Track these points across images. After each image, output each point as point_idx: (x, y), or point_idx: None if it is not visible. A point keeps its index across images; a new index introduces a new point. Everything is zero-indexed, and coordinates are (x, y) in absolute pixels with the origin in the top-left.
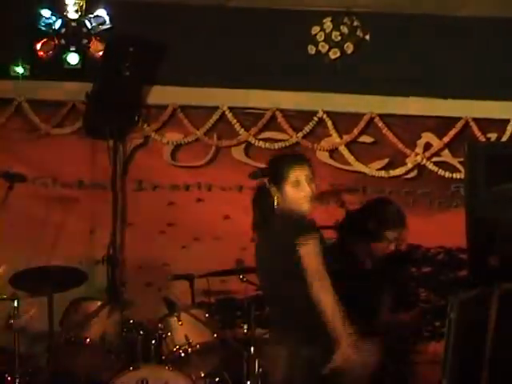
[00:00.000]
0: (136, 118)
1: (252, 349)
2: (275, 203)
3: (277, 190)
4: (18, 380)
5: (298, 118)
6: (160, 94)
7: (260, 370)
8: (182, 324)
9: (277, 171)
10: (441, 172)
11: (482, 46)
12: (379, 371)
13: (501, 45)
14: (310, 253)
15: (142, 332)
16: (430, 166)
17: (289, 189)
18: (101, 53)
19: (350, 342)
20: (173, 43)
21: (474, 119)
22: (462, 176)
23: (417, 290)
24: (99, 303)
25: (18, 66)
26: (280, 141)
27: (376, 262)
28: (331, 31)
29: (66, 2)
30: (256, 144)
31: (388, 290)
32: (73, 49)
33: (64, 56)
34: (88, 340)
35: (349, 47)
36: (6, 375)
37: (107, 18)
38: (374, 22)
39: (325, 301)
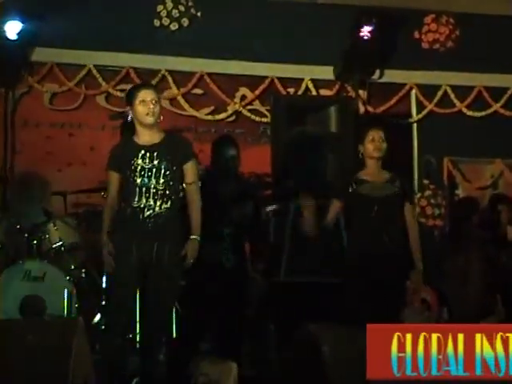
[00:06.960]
0: (22, 72)
1: None
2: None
3: (131, 108)
4: None
5: (146, 74)
6: (41, 54)
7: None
8: (57, 228)
9: (130, 94)
10: (253, 117)
11: (284, 24)
12: None
13: (295, 24)
14: None
15: (26, 234)
16: (245, 113)
17: (137, 106)
18: None
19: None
20: (50, 16)
21: (278, 78)
22: (269, 120)
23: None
24: None
25: None
26: None
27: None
28: (172, 9)
29: None
30: (114, 94)
31: None
32: None
33: None
34: None
35: (185, 22)
36: None
37: None
38: (203, 2)
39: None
